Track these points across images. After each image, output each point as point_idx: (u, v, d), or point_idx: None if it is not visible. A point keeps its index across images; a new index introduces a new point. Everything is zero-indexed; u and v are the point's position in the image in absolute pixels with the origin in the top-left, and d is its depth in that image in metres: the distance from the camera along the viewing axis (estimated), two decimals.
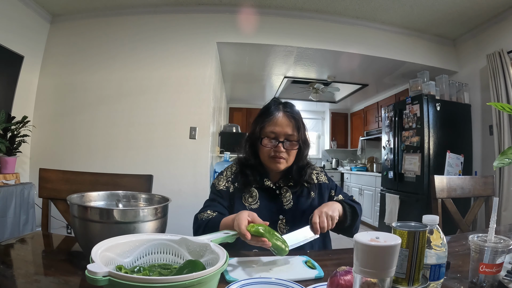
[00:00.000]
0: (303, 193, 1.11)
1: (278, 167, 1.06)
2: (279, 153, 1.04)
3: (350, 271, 0.58)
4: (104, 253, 0.53)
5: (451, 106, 3.22)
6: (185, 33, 2.98)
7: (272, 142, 1.04)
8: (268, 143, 1.05)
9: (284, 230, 1.04)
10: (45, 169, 1.21)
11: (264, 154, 1.07)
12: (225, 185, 1.10)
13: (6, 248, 0.83)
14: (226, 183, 1.11)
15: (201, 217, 1.02)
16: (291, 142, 1.05)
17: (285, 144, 1.04)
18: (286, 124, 1.05)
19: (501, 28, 2.87)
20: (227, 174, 1.14)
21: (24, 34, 2.76)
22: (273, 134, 1.05)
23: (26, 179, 2.79)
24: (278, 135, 1.05)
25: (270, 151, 1.05)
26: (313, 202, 1.10)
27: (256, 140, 1.08)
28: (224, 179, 1.12)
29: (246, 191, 1.08)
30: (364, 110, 5.86)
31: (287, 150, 1.05)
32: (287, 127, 1.05)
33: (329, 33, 3.13)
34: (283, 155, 1.05)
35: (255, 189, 1.08)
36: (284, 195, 1.09)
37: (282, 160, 1.05)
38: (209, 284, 0.48)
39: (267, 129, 1.05)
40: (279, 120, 1.05)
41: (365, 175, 5.08)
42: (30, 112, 2.86)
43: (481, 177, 1.61)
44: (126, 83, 2.93)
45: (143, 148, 2.86)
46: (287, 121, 1.06)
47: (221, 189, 1.10)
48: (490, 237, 0.65)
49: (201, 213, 1.04)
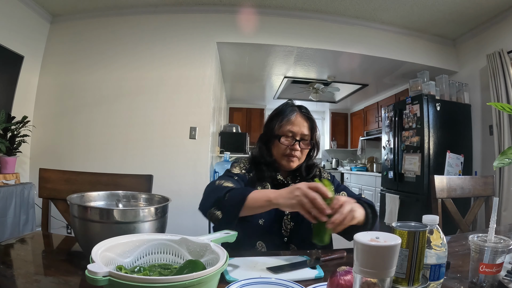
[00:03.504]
0: None
1: (291, 166, 1.09)
2: (294, 152, 1.07)
3: (350, 271, 0.58)
4: (104, 253, 0.53)
5: (451, 106, 3.22)
6: (185, 33, 2.98)
7: (289, 141, 1.08)
8: (285, 141, 1.08)
9: (289, 225, 1.05)
10: (45, 169, 1.21)
11: (279, 152, 1.09)
12: (242, 172, 1.11)
13: (6, 248, 0.83)
14: (241, 170, 1.12)
15: (220, 183, 0.97)
16: (306, 142, 1.09)
17: (301, 144, 1.08)
18: (303, 125, 1.10)
19: (501, 28, 2.87)
20: (240, 166, 1.14)
21: (24, 34, 2.76)
22: (290, 133, 1.08)
23: (26, 179, 2.79)
24: (295, 134, 1.08)
25: (286, 149, 1.08)
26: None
27: (272, 138, 1.11)
28: (239, 168, 1.13)
29: (259, 184, 1.10)
30: (364, 110, 5.86)
31: (301, 149, 1.09)
32: (304, 127, 1.10)
33: (329, 33, 3.13)
34: (297, 154, 1.08)
35: (267, 183, 1.10)
36: None
37: (295, 159, 1.08)
38: (209, 284, 0.48)
39: (285, 128, 1.09)
40: (297, 120, 1.10)
41: (365, 175, 5.08)
42: (30, 112, 2.86)
43: (481, 177, 1.61)
44: (126, 83, 2.93)
45: (143, 148, 2.86)
46: (303, 121, 1.11)
47: (238, 173, 1.10)
48: (490, 237, 0.65)
49: (218, 181, 0.99)
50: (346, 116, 6.75)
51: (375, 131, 5.27)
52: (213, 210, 0.88)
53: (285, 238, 1.05)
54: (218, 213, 0.87)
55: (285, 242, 1.04)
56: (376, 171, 4.86)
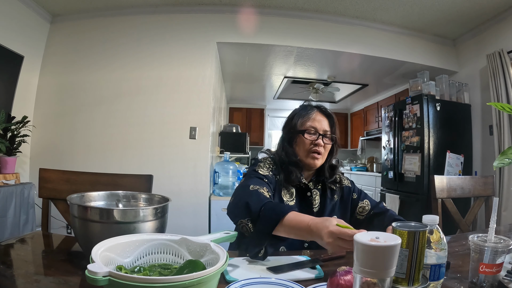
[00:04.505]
0: (329, 196, 1.13)
1: (315, 163, 1.08)
2: (318, 147, 1.07)
3: (350, 271, 0.58)
4: (104, 253, 0.53)
5: (451, 106, 3.22)
6: (185, 33, 2.98)
7: (312, 136, 1.08)
8: (309, 137, 1.08)
9: None
10: (45, 169, 1.21)
11: (304, 149, 1.09)
12: (270, 173, 1.07)
13: (6, 248, 0.83)
14: (269, 171, 1.07)
15: (254, 188, 0.92)
16: (328, 137, 1.11)
17: (324, 139, 1.09)
18: (324, 121, 1.12)
19: (501, 28, 2.87)
20: (267, 167, 1.09)
21: (24, 34, 2.76)
22: (313, 129, 1.09)
23: (26, 179, 2.79)
24: (317, 130, 1.09)
25: (310, 146, 1.08)
26: (335, 205, 1.13)
27: (295, 135, 1.11)
28: (266, 169, 1.08)
29: (285, 187, 1.08)
30: (364, 110, 5.86)
31: (324, 145, 1.09)
32: (325, 124, 1.12)
33: (329, 33, 3.13)
34: (321, 150, 1.08)
35: (292, 186, 1.09)
36: (314, 198, 1.10)
37: (319, 156, 1.08)
38: (209, 284, 0.48)
39: (307, 124, 1.10)
40: (318, 117, 1.12)
41: (365, 175, 5.08)
42: (30, 112, 2.86)
43: (481, 177, 1.61)
44: (126, 83, 2.93)
45: (143, 148, 2.86)
46: (324, 118, 1.13)
47: (267, 174, 1.05)
48: (490, 237, 0.65)
49: (252, 185, 0.94)
50: (346, 116, 6.75)
51: (375, 131, 5.26)
52: (246, 221, 0.84)
53: (306, 244, 1.05)
54: (250, 226, 0.84)
55: (305, 247, 1.05)
56: (376, 171, 4.86)
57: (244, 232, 0.86)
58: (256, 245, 0.81)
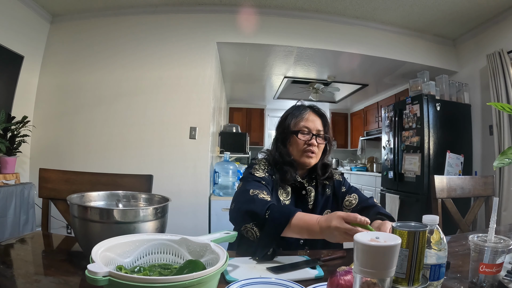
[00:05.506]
0: (322, 192, 1.15)
1: (309, 162, 1.10)
2: (312, 147, 1.09)
3: (350, 271, 0.58)
4: (104, 253, 0.53)
5: (451, 106, 3.22)
6: (185, 33, 2.98)
7: (306, 136, 1.10)
8: (302, 137, 1.10)
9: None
10: (45, 169, 1.21)
11: (298, 149, 1.10)
12: (266, 175, 1.08)
13: (6, 248, 0.83)
14: (265, 173, 1.08)
15: (254, 192, 0.93)
16: (321, 137, 1.12)
17: (317, 139, 1.11)
18: (317, 120, 1.13)
19: (501, 28, 2.87)
20: (262, 168, 1.10)
21: (24, 34, 2.76)
22: (306, 129, 1.11)
23: (26, 179, 2.79)
24: (311, 130, 1.10)
25: (304, 146, 1.09)
26: (328, 199, 1.15)
27: (289, 136, 1.12)
28: (262, 171, 1.09)
29: (282, 187, 1.10)
30: (364, 110, 5.86)
31: (318, 144, 1.11)
32: (318, 123, 1.13)
33: (329, 33, 3.13)
34: (315, 149, 1.10)
35: (288, 185, 1.10)
36: (309, 195, 1.12)
37: (313, 155, 1.10)
38: (209, 284, 0.48)
39: (300, 124, 1.11)
40: (310, 117, 1.13)
41: (365, 175, 5.08)
42: (30, 112, 2.86)
43: (481, 177, 1.61)
44: (126, 83, 2.93)
45: (143, 148, 2.86)
46: (317, 117, 1.14)
47: (264, 176, 1.06)
48: (490, 237, 0.65)
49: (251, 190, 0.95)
50: (346, 116, 6.75)
51: (375, 131, 5.26)
52: (251, 226, 0.86)
53: (301, 241, 1.05)
54: (255, 230, 0.85)
55: (301, 244, 1.05)
56: (376, 171, 4.86)
57: (249, 236, 0.87)
58: (265, 247, 0.82)
